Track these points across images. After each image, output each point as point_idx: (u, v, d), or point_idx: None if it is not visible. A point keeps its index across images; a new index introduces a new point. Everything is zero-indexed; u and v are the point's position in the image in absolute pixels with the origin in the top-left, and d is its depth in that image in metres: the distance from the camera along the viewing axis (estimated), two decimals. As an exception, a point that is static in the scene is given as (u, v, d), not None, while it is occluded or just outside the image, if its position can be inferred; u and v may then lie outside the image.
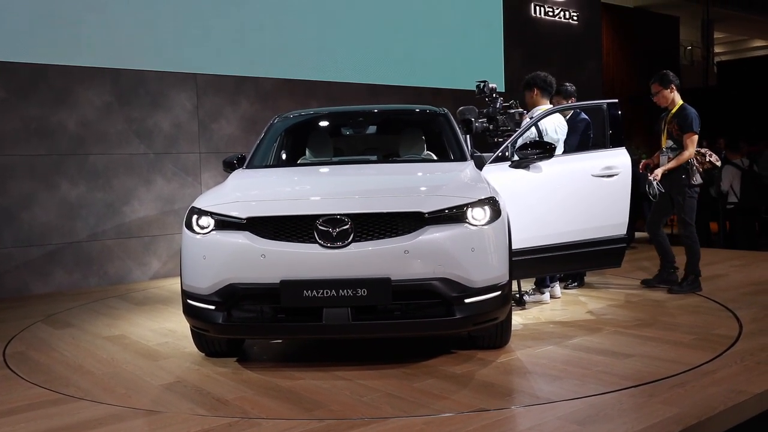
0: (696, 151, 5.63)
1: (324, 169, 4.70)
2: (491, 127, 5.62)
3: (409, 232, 3.61)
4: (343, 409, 3.25)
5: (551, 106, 5.57)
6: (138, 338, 4.80)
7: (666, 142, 5.74)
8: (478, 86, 5.70)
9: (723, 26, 20.60)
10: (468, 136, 5.21)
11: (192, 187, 7.82)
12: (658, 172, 5.60)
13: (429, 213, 3.64)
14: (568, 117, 5.92)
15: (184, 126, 7.78)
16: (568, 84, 6.25)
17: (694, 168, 5.57)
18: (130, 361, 4.23)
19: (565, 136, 5.54)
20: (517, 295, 5.30)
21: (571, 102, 6.09)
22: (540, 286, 5.51)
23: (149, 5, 7.43)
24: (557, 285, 5.66)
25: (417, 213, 3.64)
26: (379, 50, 9.28)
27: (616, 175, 4.99)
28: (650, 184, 5.57)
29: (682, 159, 5.54)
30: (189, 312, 3.88)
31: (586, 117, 6.03)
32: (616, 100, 5.26)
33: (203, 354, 4.23)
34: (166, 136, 7.66)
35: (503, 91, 9.31)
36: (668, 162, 5.61)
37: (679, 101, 5.73)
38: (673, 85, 5.70)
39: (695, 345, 4.13)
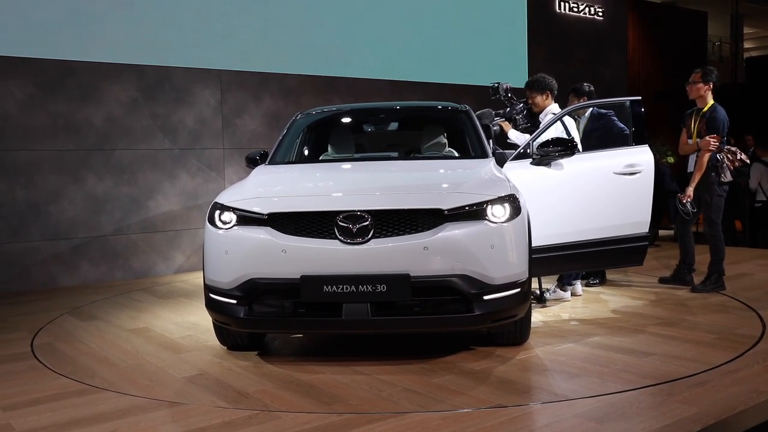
0: (727, 148, 5.58)
1: (345, 166, 4.73)
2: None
3: (429, 229, 3.63)
4: (362, 403, 3.28)
5: (558, 107, 5.52)
6: (161, 331, 4.88)
7: (695, 141, 5.67)
8: (492, 87, 5.69)
9: (753, 21, 20.31)
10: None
11: (215, 183, 7.90)
12: (690, 191, 5.57)
13: (449, 210, 3.65)
14: (588, 114, 5.88)
15: (208, 122, 7.86)
16: (586, 84, 6.17)
17: (725, 165, 5.52)
18: (154, 353, 4.30)
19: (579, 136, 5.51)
20: (538, 293, 5.30)
21: (584, 101, 6.04)
22: (562, 284, 5.50)
23: (174, 2, 7.52)
24: (579, 283, 5.65)
25: (437, 210, 3.65)
26: (401, 46, 9.29)
27: (639, 172, 4.95)
28: (682, 203, 5.56)
29: (702, 165, 5.50)
30: (211, 306, 3.93)
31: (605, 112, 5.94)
32: (639, 98, 5.22)
33: (225, 347, 4.30)
34: (191, 131, 7.74)
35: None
36: (694, 166, 5.58)
37: (711, 101, 5.67)
38: (711, 84, 5.65)
39: (717, 344, 4.11)
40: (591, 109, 5.90)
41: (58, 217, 6.95)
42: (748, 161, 5.84)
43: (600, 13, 11.95)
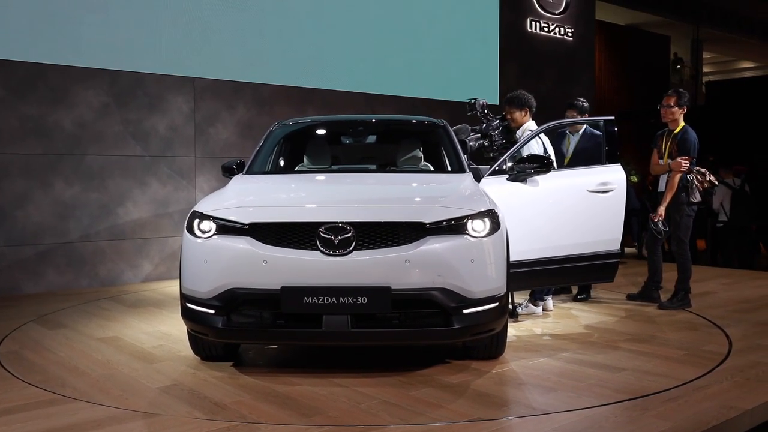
0: (696, 169, 5.73)
1: (326, 177, 4.73)
2: (486, 143, 5.69)
3: (410, 242, 3.65)
4: (341, 415, 3.28)
5: (535, 125, 5.61)
6: (132, 340, 4.80)
7: (666, 161, 5.80)
8: (469, 103, 5.76)
9: (712, 46, 20.90)
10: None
11: (186, 191, 7.82)
12: (662, 210, 5.70)
13: (430, 223, 3.68)
14: (581, 132, 6.02)
15: (181, 129, 7.79)
16: (582, 99, 6.30)
17: (695, 186, 5.66)
18: (126, 363, 4.23)
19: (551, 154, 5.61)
20: (511, 307, 5.36)
21: (587, 117, 6.17)
22: (534, 298, 5.57)
23: (149, 7, 7.45)
24: (550, 298, 5.72)
25: (418, 223, 3.68)
26: (376, 60, 9.34)
27: (611, 191, 5.06)
28: (654, 222, 5.69)
29: (674, 186, 5.64)
30: (188, 315, 3.89)
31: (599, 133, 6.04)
32: (613, 117, 5.34)
33: (199, 358, 4.24)
34: (162, 138, 7.66)
35: (497, 104, 9.39)
36: (665, 186, 5.72)
37: (682, 123, 5.82)
38: (685, 107, 5.80)
39: (686, 360, 4.20)
40: (585, 127, 6.03)
41: (24, 222, 6.81)
42: (716, 182, 6.00)
43: (570, 34, 12.18)
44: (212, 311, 3.72)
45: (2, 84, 6.66)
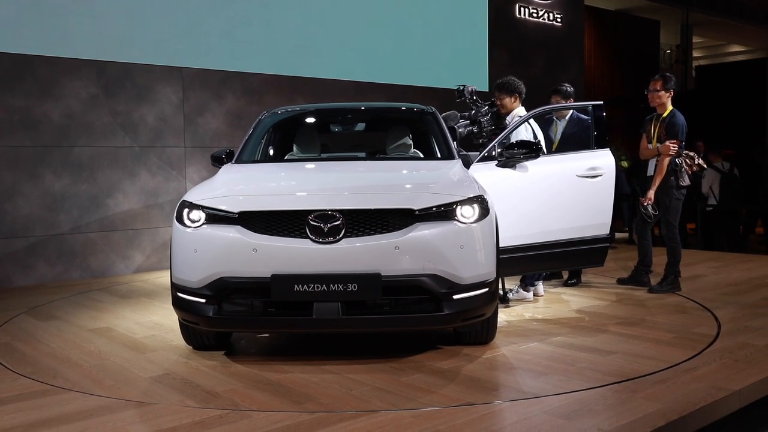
0: (685, 153, 5.74)
1: (315, 165, 4.73)
2: (474, 129, 5.69)
3: (400, 229, 3.66)
4: (333, 402, 3.29)
5: (525, 110, 5.61)
6: (124, 331, 4.80)
7: (655, 146, 5.82)
8: (458, 90, 5.76)
9: (702, 31, 20.92)
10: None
11: (176, 181, 7.80)
12: (651, 194, 5.72)
13: (419, 210, 3.69)
14: (568, 117, 6.02)
15: (170, 120, 7.75)
16: (566, 84, 6.31)
17: (683, 170, 5.68)
18: (117, 353, 4.23)
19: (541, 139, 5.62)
20: (501, 293, 5.38)
21: (571, 102, 6.17)
22: (525, 284, 5.59)
23: (136, -2, 7.40)
24: (540, 283, 5.74)
25: (408, 210, 3.69)
26: (365, 48, 9.32)
27: (600, 176, 5.07)
28: (644, 206, 5.71)
29: (663, 170, 5.66)
30: (179, 305, 3.89)
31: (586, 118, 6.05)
32: (601, 102, 5.36)
33: (191, 347, 4.25)
34: (152, 129, 7.63)
35: (487, 90, 9.39)
36: (654, 171, 5.74)
37: (670, 107, 5.84)
38: (672, 91, 5.81)
39: (676, 343, 4.23)
40: (571, 112, 6.03)
41: (13, 214, 6.78)
42: (705, 166, 6.02)
43: (558, 20, 12.17)
44: (203, 300, 3.72)
45: (-12, 76, 6.62)
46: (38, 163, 6.91)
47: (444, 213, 3.74)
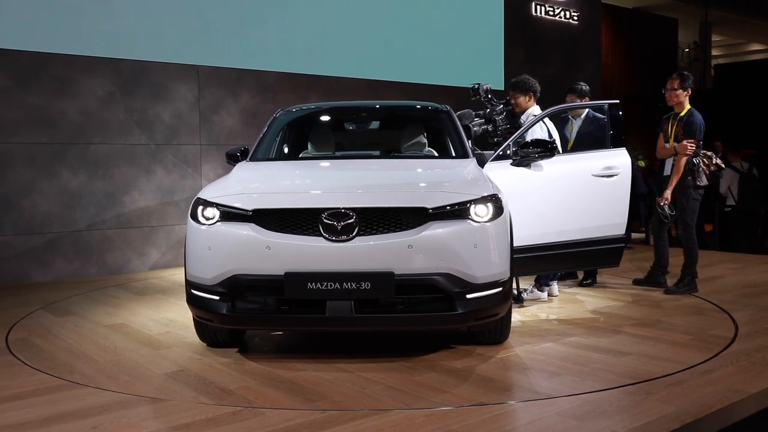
0: (703, 153, 5.68)
1: (329, 163, 4.74)
2: (490, 128, 5.67)
3: (413, 227, 3.65)
4: (345, 400, 3.29)
5: (539, 109, 5.58)
6: (139, 327, 4.83)
7: (672, 145, 5.76)
8: (473, 88, 5.74)
9: (721, 29, 20.70)
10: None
11: (192, 179, 7.84)
12: (668, 194, 5.66)
13: (433, 209, 3.68)
14: (584, 116, 5.99)
15: (185, 117, 7.79)
16: (582, 83, 6.27)
17: (701, 170, 5.62)
18: (132, 349, 4.26)
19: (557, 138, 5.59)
20: (516, 293, 5.36)
21: (586, 101, 6.13)
22: (539, 284, 5.57)
23: (153, -4, 7.44)
24: (555, 283, 5.72)
25: (421, 208, 3.68)
26: (379, 46, 9.31)
27: (616, 175, 5.03)
28: (661, 206, 5.66)
29: (680, 169, 5.61)
30: (193, 302, 3.91)
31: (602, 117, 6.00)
32: (618, 101, 5.31)
33: (205, 344, 4.27)
34: (167, 127, 7.67)
35: (503, 89, 9.35)
36: (671, 170, 5.69)
37: (688, 105, 5.78)
38: (690, 89, 5.76)
39: (692, 345, 4.19)
40: (587, 111, 5.99)
41: (31, 211, 6.84)
42: (723, 166, 5.96)
43: (575, 18, 12.10)
44: (217, 297, 3.74)
45: (6, 74, 6.68)
46: (55, 160, 6.97)
47: (458, 212, 3.72)
